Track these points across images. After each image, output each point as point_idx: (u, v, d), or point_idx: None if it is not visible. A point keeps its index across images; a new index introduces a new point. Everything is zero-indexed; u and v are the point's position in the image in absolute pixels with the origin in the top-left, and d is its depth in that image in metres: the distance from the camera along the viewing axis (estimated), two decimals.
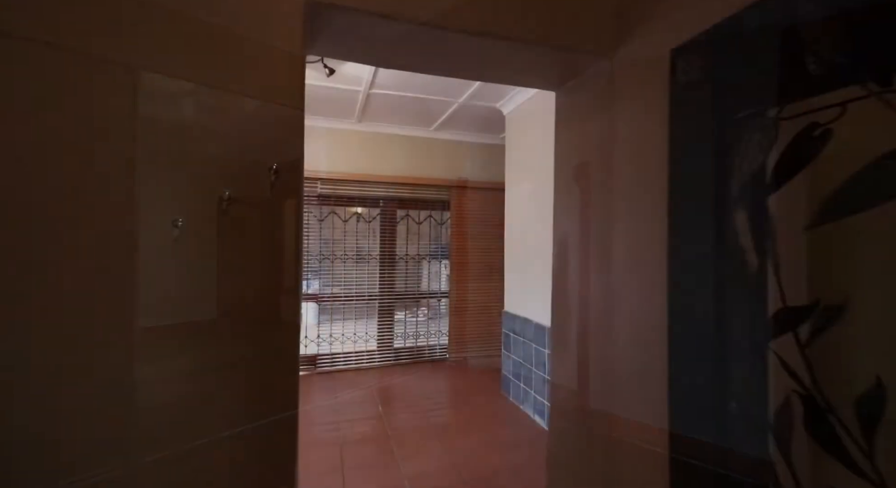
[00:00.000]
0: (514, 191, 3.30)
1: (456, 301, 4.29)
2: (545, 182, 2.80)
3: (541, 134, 2.91)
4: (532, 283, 2.96)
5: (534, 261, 2.94)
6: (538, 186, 2.92)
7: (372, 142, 4.07)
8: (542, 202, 2.85)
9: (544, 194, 2.82)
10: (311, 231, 3.92)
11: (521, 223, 3.16)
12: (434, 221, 4.34)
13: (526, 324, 3.00)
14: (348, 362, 3.99)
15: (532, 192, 3.01)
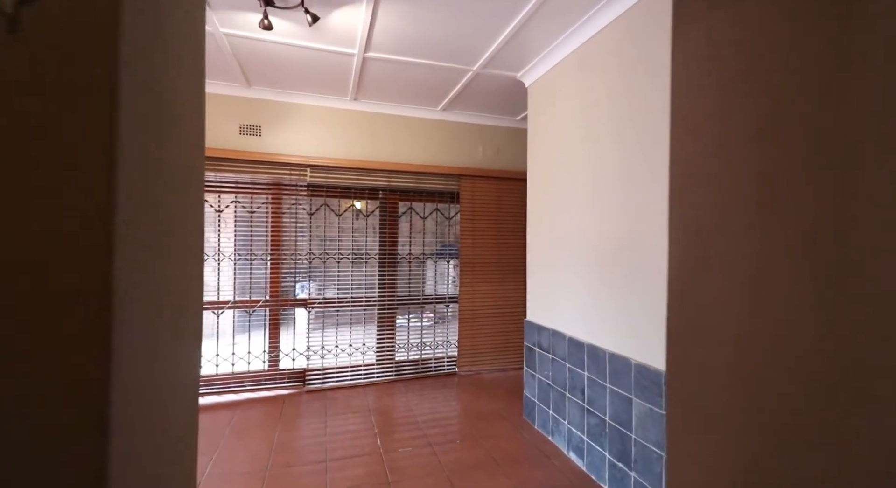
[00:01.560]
0: (540, 177, 2.75)
1: (466, 306, 3.75)
2: (583, 163, 2.25)
3: (573, 106, 2.36)
4: (565, 288, 2.41)
5: (568, 260, 2.39)
6: (573, 169, 2.37)
7: (369, 123, 3.52)
8: (581, 187, 2.29)
9: (583, 178, 2.27)
10: (301, 226, 3.38)
11: (549, 215, 2.61)
12: (441, 215, 3.80)
13: (556, 338, 2.45)
14: (342, 378, 3.45)
15: (564, 178, 2.46)
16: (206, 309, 3.21)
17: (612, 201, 2.06)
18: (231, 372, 3.25)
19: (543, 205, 2.67)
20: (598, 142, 2.15)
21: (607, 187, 2.09)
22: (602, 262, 2.10)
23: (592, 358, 2.12)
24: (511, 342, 3.85)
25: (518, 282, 3.87)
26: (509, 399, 3.15)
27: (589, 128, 2.23)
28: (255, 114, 3.25)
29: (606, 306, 2.06)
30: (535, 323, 2.72)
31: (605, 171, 2.10)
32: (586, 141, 2.25)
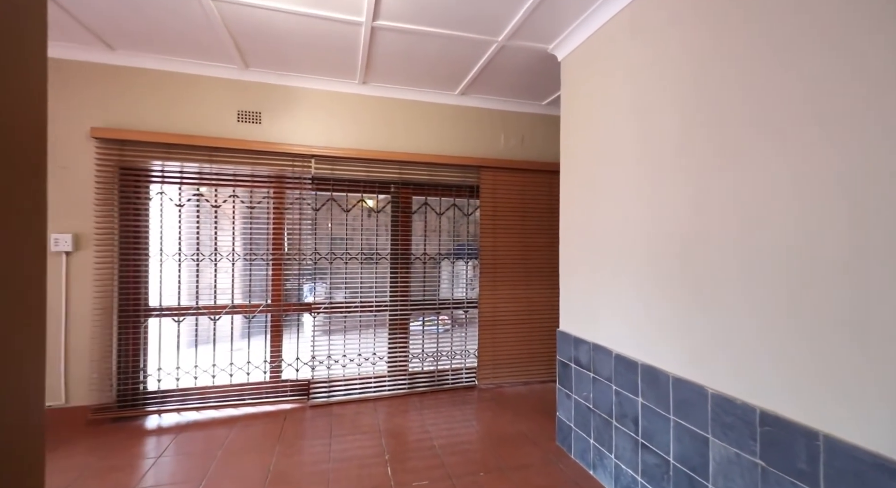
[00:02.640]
0: (575, 166, 2.36)
1: (487, 312, 3.38)
2: (632, 147, 1.86)
3: (619, 79, 1.97)
4: (609, 295, 2.03)
5: (614, 262, 2.00)
6: (619, 156, 1.98)
7: (380, 110, 3.19)
8: (630, 176, 1.91)
9: (633, 165, 1.88)
10: (305, 223, 3.07)
11: (588, 210, 2.23)
12: (459, 211, 3.44)
13: (599, 354, 2.07)
14: (350, 391, 3.12)
15: (607, 166, 2.08)
16: (202, 314, 2.92)
17: (672, 191, 1.67)
18: (229, 383, 2.96)
19: (581, 199, 2.29)
20: (654, 121, 1.76)
21: (666, 174, 1.70)
22: (661, 265, 1.72)
23: (649, 381, 1.74)
24: (536, 352, 3.47)
25: (545, 286, 3.48)
26: (538, 419, 2.77)
27: (641, 106, 1.85)
28: (255, 99, 2.94)
29: (668, 319, 1.67)
30: (570, 334, 2.34)
31: (663, 156, 1.71)
32: (638, 120, 1.86)
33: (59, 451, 2.29)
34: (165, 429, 2.59)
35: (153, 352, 2.85)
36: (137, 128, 2.72)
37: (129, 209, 2.76)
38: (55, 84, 2.59)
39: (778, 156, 1.27)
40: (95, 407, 2.63)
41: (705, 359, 1.50)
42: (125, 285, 2.76)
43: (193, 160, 2.80)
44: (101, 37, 2.49)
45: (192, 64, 2.78)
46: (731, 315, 1.41)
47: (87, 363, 2.64)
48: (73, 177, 2.62)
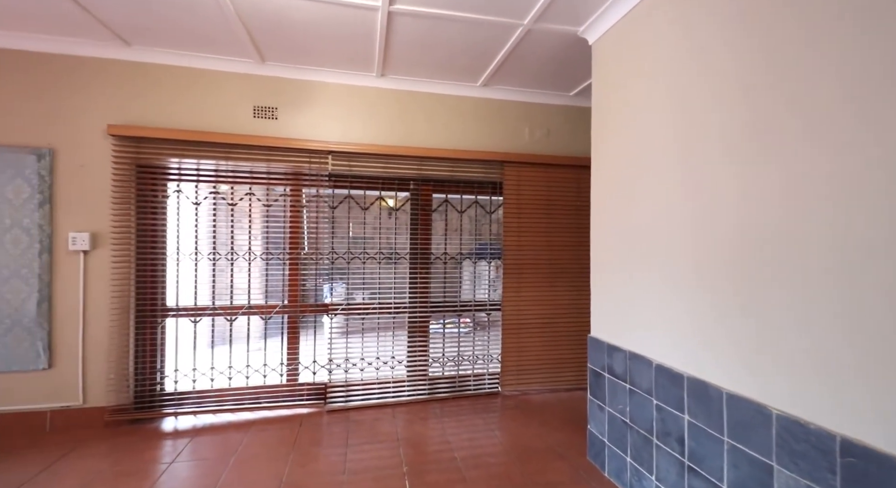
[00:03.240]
0: (609, 159, 2.17)
1: (510, 315, 3.21)
2: (677, 137, 1.67)
3: (661, 60, 1.78)
4: (649, 300, 1.83)
5: (653, 263, 1.81)
6: (661, 147, 1.79)
7: (398, 103, 3.06)
8: (673, 170, 1.71)
9: (677, 157, 1.68)
10: (322, 221, 2.97)
11: (623, 206, 2.04)
12: (481, 209, 3.28)
13: (636, 364, 1.88)
14: (368, 395, 3.01)
15: (647, 158, 1.88)
16: (219, 314, 2.86)
17: (722, 184, 1.47)
18: (245, 385, 2.89)
19: (614, 195, 2.09)
20: (698, 107, 1.56)
21: (714, 167, 1.50)
22: (710, 267, 1.52)
23: (698, 397, 1.54)
24: (564, 358, 3.27)
25: (572, 288, 3.29)
26: (566, 430, 2.58)
27: (683, 89, 1.65)
28: (271, 94, 2.86)
29: (720, 328, 1.47)
30: (602, 341, 2.15)
31: (710, 146, 1.51)
32: (683, 108, 1.67)
33: (74, 454, 2.25)
34: (181, 433, 2.53)
35: (170, 353, 2.81)
36: (154, 125, 2.68)
37: (145, 207, 2.72)
38: (72, 81, 2.57)
39: (861, 139, 1.07)
40: (113, 409, 2.60)
41: (768, 375, 1.30)
42: (142, 284, 2.73)
43: (210, 157, 2.74)
44: (117, 32, 2.45)
45: (207, 59, 2.72)
46: (803, 324, 1.21)
47: (104, 363, 2.61)
48: (91, 176, 2.59)
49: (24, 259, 2.48)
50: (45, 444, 2.35)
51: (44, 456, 2.22)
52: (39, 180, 2.50)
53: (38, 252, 2.50)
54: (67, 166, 2.56)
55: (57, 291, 2.55)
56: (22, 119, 2.50)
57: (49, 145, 2.53)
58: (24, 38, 2.47)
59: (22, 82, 2.50)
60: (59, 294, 2.55)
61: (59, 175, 2.55)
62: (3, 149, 2.45)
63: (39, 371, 2.52)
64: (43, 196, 2.51)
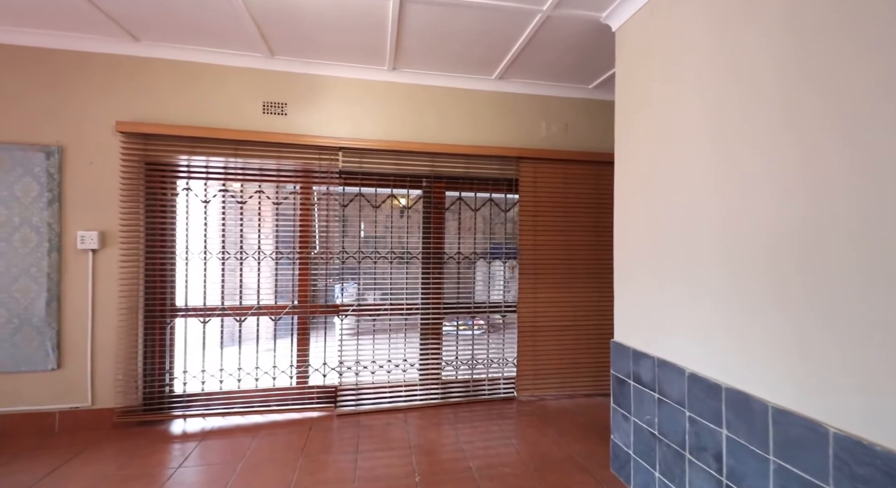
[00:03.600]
0: (635, 153, 2.04)
1: (526, 317, 3.09)
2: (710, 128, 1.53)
3: (695, 45, 1.64)
4: (681, 303, 1.70)
5: (685, 263, 1.68)
6: (693, 138, 1.66)
7: (411, 98, 2.97)
8: (706, 163, 1.58)
9: (709, 150, 1.55)
10: (333, 220, 2.89)
11: (651, 203, 1.91)
12: (496, 207, 3.17)
13: (666, 372, 1.74)
14: (380, 399, 2.92)
15: (677, 151, 1.75)
16: (228, 315, 2.80)
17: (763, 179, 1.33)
18: (255, 388, 2.82)
19: (641, 191, 1.96)
20: (741, 97, 1.42)
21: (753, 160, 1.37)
22: (754, 268, 1.38)
23: (738, 410, 1.41)
24: (582, 362, 3.14)
25: (591, 289, 3.15)
26: (587, 439, 2.46)
27: (721, 79, 1.51)
28: (280, 89, 2.79)
29: (767, 335, 1.34)
30: (627, 346, 2.02)
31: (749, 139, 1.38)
32: (717, 98, 1.53)
33: (81, 456, 2.21)
34: (189, 436, 2.48)
35: (179, 354, 2.76)
36: (162, 121, 2.63)
37: (154, 205, 2.68)
38: (81, 77, 2.54)
39: None
40: (121, 410, 2.56)
41: (824, 389, 1.16)
42: (151, 284, 2.68)
43: (219, 154, 2.69)
44: (125, 27, 2.40)
45: (216, 53, 2.67)
46: (869, 332, 1.07)
47: (112, 364, 2.57)
48: (100, 173, 2.56)
49: (32, 257, 2.45)
50: (54, 446, 2.31)
51: (51, 459, 2.18)
52: (48, 178, 2.47)
53: (46, 251, 2.47)
54: (76, 164, 2.53)
55: (66, 290, 2.51)
56: (31, 116, 2.47)
57: (58, 142, 2.50)
58: (32, 34, 2.44)
59: (31, 79, 2.47)
60: (68, 293, 2.52)
61: (68, 173, 2.52)
62: (12, 146, 2.43)
63: (48, 371, 2.49)
64: (52, 194, 2.48)
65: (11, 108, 2.45)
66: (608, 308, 3.14)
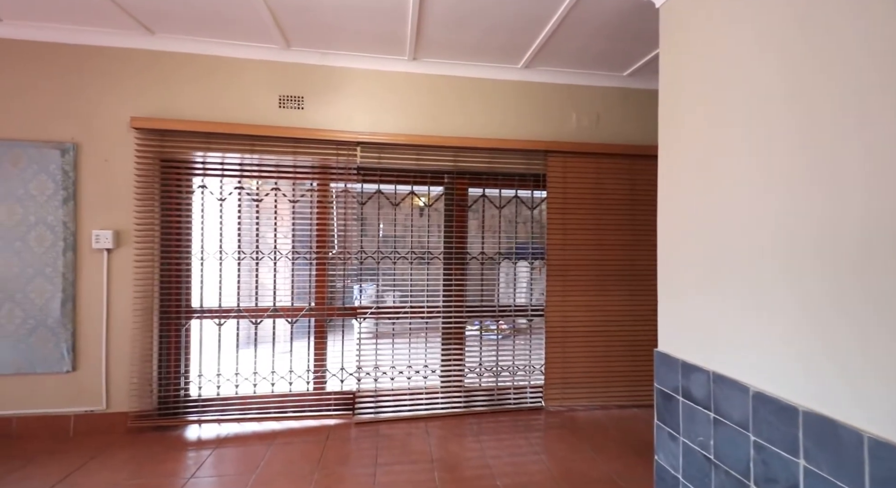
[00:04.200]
0: (682, 142, 1.83)
1: (555, 321, 2.89)
2: (783, 114, 1.32)
3: (759, 16, 1.43)
4: (744, 310, 1.49)
5: (749, 264, 1.46)
6: (761, 125, 1.44)
7: (432, 89, 2.81)
8: (775, 147, 1.36)
9: (783, 139, 1.33)
10: (351, 219, 2.76)
11: (703, 197, 1.69)
12: (522, 204, 2.98)
13: (724, 389, 1.53)
14: (399, 407, 2.77)
15: (740, 140, 1.54)
16: (244, 317, 2.71)
17: (853, 167, 1.12)
18: (271, 393, 2.72)
19: (692, 185, 1.75)
20: (825, 69, 1.21)
21: (837, 145, 1.15)
22: (839, 271, 1.17)
23: (821, 438, 1.19)
24: (616, 371, 2.92)
25: (625, 291, 2.93)
26: (624, 457, 2.25)
27: (793, 50, 1.30)
28: (297, 82, 2.68)
29: (859, 350, 1.12)
30: (674, 358, 1.81)
31: (832, 121, 1.16)
32: (792, 73, 1.32)
33: (93, 463, 2.14)
34: (203, 443, 2.39)
35: (194, 357, 2.68)
36: (177, 116, 2.55)
37: (170, 204, 2.60)
38: (95, 73, 2.48)
39: None
40: (136, 415, 2.49)
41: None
42: (166, 284, 2.61)
43: (234, 150, 2.59)
44: (140, 19, 2.33)
45: (232, 46, 2.57)
46: None
47: (127, 367, 2.50)
48: (114, 171, 2.49)
49: (48, 257, 2.40)
50: (67, 450, 2.25)
51: (63, 465, 2.11)
52: (63, 176, 2.42)
53: (62, 250, 2.42)
54: (91, 161, 2.47)
55: (81, 291, 2.46)
56: (45, 112, 2.42)
57: (73, 139, 2.45)
58: (47, 29, 2.39)
59: (46, 75, 2.43)
60: (83, 294, 2.46)
61: (83, 170, 2.46)
62: (26, 144, 2.38)
63: (63, 373, 2.44)
64: (67, 192, 2.42)
65: (26, 105, 2.41)
66: (643, 312, 2.92)
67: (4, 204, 2.35)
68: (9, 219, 2.36)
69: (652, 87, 2.99)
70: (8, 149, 2.36)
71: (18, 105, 2.40)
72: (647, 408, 2.87)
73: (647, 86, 2.98)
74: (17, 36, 2.39)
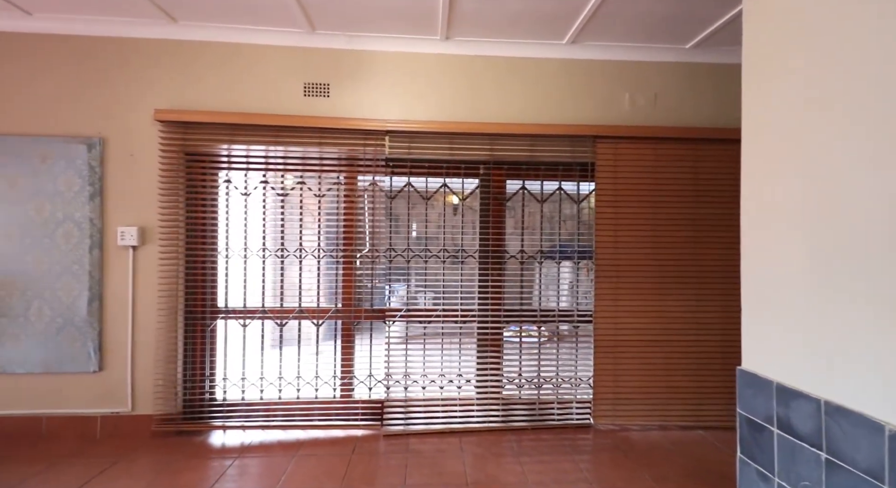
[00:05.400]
0: (779, 121, 1.48)
1: (605, 328, 2.57)
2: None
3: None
4: (868, 323, 1.14)
5: (883, 264, 1.11)
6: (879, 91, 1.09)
7: (466, 71, 2.57)
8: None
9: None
10: (379, 213, 2.57)
11: (809, 185, 1.34)
12: (567, 198, 2.68)
13: (840, 423, 1.19)
14: (431, 418, 2.55)
15: (856, 110, 1.18)
16: (268, 318, 2.57)
17: None
18: (296, 398, 2.57)
19: (793, 169, 1.40)
20: None
21: None
22: None
23: None
24: (677, 386, 2.56)
25: (688, 296, 2.57)
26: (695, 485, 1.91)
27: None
28: (323, 68, 2.51)
29: None
30: (766, 379, 1.47)
31: None
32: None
33: (114, 469, 2.05)
34: (226, 452, 2.26)
35: (219, 359, 2.57)
36: (200, 107, 2.44)
37: (194, 199, 2.51)
38: (120, 66, 2.41)
39: None
40: (160, 418, 2.40)
41: None
42: (191, 283, 2.51)
43: (259, 142, 2.46)
44: (164, 7, 2.23)
45: (255, 31, 2.44)
46: None
47: (152, 368, 2.42)
48: (139, 165, 2.42)
49: (75, 254, 2.36)
50: (90, 454, 2.18)
51: (83, 470, 2.03)
52: (90, 171, 2.37)
53: (88, 247, 2.37)
54: (117, 156, 2.41)
55: (107, 289, 2.40)
56: (71, 107, 2.38)
57: (99, 134, 2.40)
58: (73, 21, 2.35)
59: (71, 68, 2.39)
60: (109, 292, 2.41)
61: (109, 165, 2.40)
62: (54, 139, 2.35)
63: (90, 373, 2.39)
64: (93, 188, 2.37)
65: (53, 99, 2.37)
66: (711, 320, 2.54)
67: (34, 201, 2.33)
68: (38, 216, 2.33)
69: (720, 60, 2.60)
70: (36, 145, 2.33)
71: (46, 100, 2.37)
72: (717, 431, 2.49)
73: (713, 59, 2.60)
74: (45, 30, 2.36)
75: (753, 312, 1.59)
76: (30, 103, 2.36)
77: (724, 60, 2.61)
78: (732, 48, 2.53)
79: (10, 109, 2.35)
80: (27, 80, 2.36)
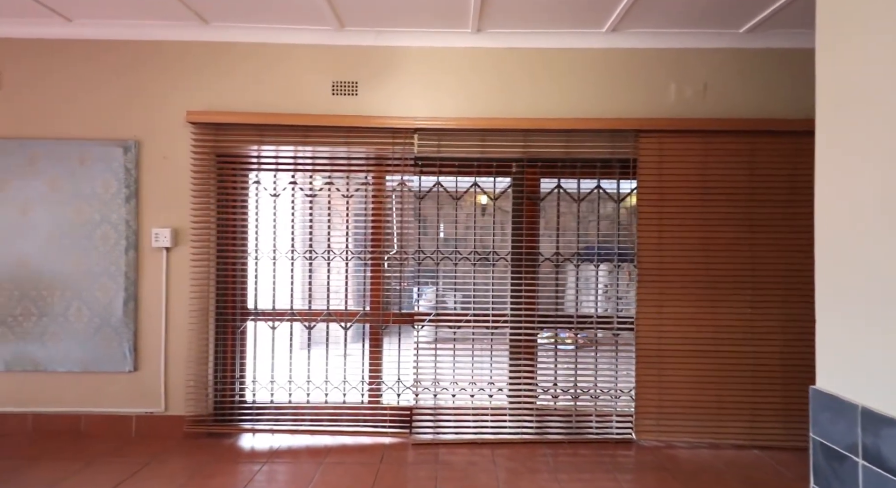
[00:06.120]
0: (866, 100, 1.28)
1: (648, 337, 2.40)
2: None
3: None
4: None
5: None
6: None
7: (498, 65, 2.45)
8: None
9: None
10: (407, 213, 2.50)
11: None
12: (606, 197, 2.51)
13: None
14: (462, 426, 2.45)
15: None
16: (297, 320, 2.54)
17: None
18: (324, 402, 2.52)
19: (883, 163, 1.21)
20: None
21: None
22: None
23: None
24: (729, 401, 2.35)
25: (742, 303, 2.36)
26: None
27: None
28: (351, 66, 2.46)
29: None
30: (847, 401, 1.28)
31: None
32: None
33: (145, 471, 2.06)
34: (255, 455, 2.24)
35: (249, 360, 2.56)
36: (230, 108, 2.44)
37: (226, 200, 2.51)
38: (154, 69, 2.44)
39: None
40: (191, 419, 2.41)
41: None
42: (222, 284, 2.51)
43: (287, 142, 2.44)
44: (195, 9, 2.23)
45: (283, 31, 2.41)
46: None
47: (184, 369, 2.43)
48: (172, 167, 2.44)
49: (112, 256, 2.40)
50: (126, 454, 2.21)
51: (117, 470, 2.05)
52: (126, 174, 2.40)
53: (124, 249, 2.40)
54: (151, 158, 2.44)
55: (142, 290, 2.43)
56: (108, 110, 2.43)
57: (134, 137, 2.43)
58: (111, 26, 2.39)
59: (108, 73, 2.43)
60: (144, 293, 2.44)
61: (144, 167, 2.43)
62: (92, 143, 2.40)
63: (126, 373, 2.42)
64: (129, 190, 2.41)
65: (92, 103, 2.43)
66: (770, 329, 2.33)
67: (73, 203, 2.38)
68: (77, 218, 2.39)
69: (777, 45, 2.38)
70: (76, 148, 2.39)
71: (85, 104, 2.42)
72: (774, 452, 2.27)
73: (770, 44, 2.37)
74: (84, 35, 2.41)
75: (829, 323, 1.40)
76: (70, 107, 2.42)
77: (781, 45, 2.38)
78: (795, 31, 2.30)
79: (52, 114, 2.41)
80: (67, 85, 2.42)
